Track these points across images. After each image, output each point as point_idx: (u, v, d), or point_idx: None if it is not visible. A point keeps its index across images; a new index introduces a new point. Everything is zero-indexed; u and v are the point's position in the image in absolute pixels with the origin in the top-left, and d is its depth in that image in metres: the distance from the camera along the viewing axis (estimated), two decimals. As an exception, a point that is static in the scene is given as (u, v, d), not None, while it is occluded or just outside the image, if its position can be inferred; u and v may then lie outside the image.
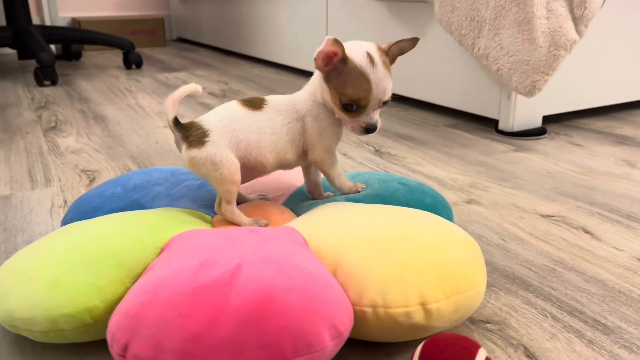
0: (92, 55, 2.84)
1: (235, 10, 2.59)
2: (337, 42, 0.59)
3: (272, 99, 0.65)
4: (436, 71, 1.41)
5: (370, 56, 0.61)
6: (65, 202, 0.90)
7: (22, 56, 2.59)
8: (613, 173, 1.00)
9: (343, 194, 0.68)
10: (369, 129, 0.63)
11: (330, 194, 0.72)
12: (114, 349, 0.43)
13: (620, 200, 0.88)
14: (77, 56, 2.63)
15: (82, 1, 3.20)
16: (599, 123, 1.35)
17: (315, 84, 0.65)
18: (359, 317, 0.48)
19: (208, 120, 0.63)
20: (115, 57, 2.77)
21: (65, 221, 0.67)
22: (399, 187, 0.68)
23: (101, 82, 2.04)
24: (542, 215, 0.83)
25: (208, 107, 1.60)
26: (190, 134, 0.62)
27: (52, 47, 2.70)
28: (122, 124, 1.41)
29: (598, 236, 0.76)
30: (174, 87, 1.94)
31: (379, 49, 0.63)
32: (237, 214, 0.62)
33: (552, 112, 1.31)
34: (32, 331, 0.49)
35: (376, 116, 0.63)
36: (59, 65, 2.42)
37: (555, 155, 1.11)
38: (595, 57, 1.29)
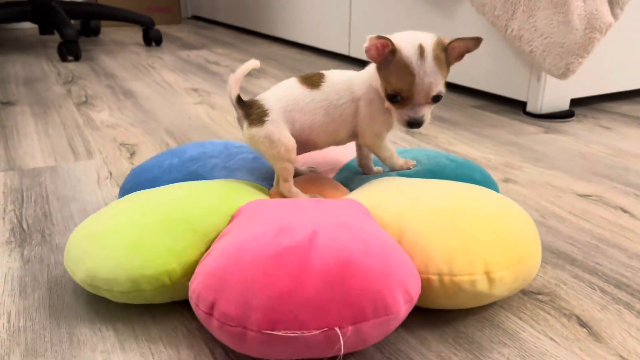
0: (109, 32, 2.84)
1: (254, -12, 2.58)
2: (380, 37, 0.59)
3: (331, 76, 0.66)
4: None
5: (422, 49, 0.59)
6: (111, 173, 0.92)
7: (43, 31, 2.59)
8: (644, 155, 1.02)
9: (395, 171, 0.70)
10: (412, 123, 0.62)
11: (380, 168, 0.73)
12: (200, 307, 0.45)
13: (654, 182, 0.90)
14: (96, 32, 2.63)
15: (99, -23, 3.19)
16: (625, 107, 1.36)
17: (372, 69, 0.66)
18: (424, 285, 0.50)
19: (268, 99, 0.65)
20: (133, 33, 2.77)
21: (125, 190, 0.69)
22: (448, 162, 0.70)
23: (123, 58, 2.05)
24: (579, 195, 0.85)
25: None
26: (251, 112, 0.64)
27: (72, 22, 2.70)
28: (152, 99, 1.43)
29: (636, 215, 0.78)
30: (196, 65, 1.97)
31: (438, 43, 0.61)
32: (295, 191, 0.65)
33: (580, 96, 1.32)
34: (113, 291, 0.51)
35: (422, 111, 0.62)
36: (79, 40, 2.43)
37: (585, 137, 1.13)
38: (622, 41, 1.30)
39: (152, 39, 2.34)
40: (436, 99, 0.62)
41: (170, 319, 0.54)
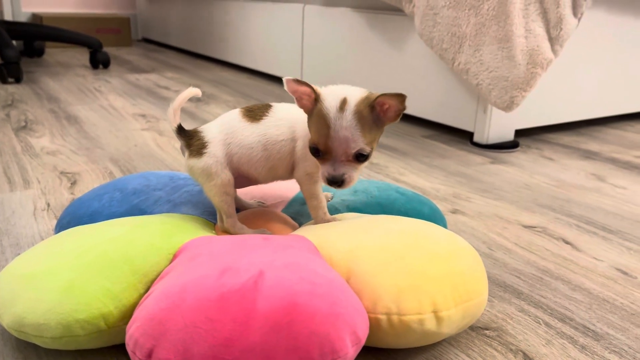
0: (54, 53, 2.76)
1: (205, 13, 2.57)
2: (299, 82, 0.56)
3: (275, 110, 0.64)
4: (413, 83, 1.45)
5: (344, 102, 0.56)
6: (49, 205, 0.87)
7: (-19, 51, 2.48)
8: (585, 186, 1.06)
9: (315, 223, 0.65)
10: (330, 181, 0.57)
11: (329, 194, 0.72)
12: (137, 355, 0.43)
13: (594, 213, 0.93)
14: (40, 53, 2.55)
15: (45, -4, 3.11)
16: (566, 138, 1.42)
17: None
18: (373, 325, 0.49)
19: (209, 130, 0.63)
20: (79, 55, 2.70)
21: (62, 225, 0.66)
22: (398, 196, 0.70)
23: (68, 81, 1.99)
24: (525, 226, 0.87)
25: (184, 111, 1.58)
26: (192, 143, 0.63)
27: (14, 42, 2.61)
28: (98, 125, 1.38)
29: (578, 247, 0.80)
30: (146, 89, 1.93)
31: (365, 98, 0.57)
32: (240, 226, 0.63)
33: (524, 127, 1.37)
34: (43, 337, 0.48)
35: (343, 169, 0.57)
36: (21, 62, 2.34)
37: (529, 168, 1.16)
38: (563, 75, 1.36)
39: (99, 62, 2.29)
40: (359, 157, 0.57)
41: (106, 366, 0.51)
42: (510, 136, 1.33)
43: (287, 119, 0.64)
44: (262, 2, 2.12)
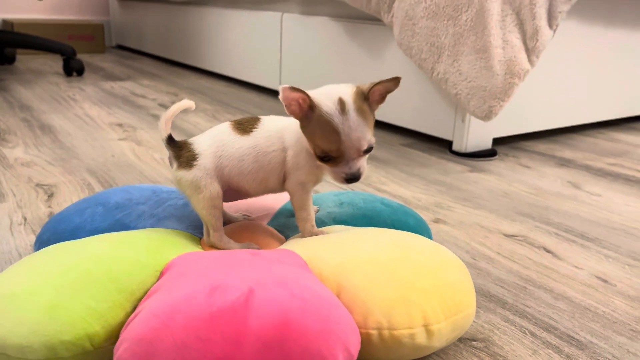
0: (26, 60, 2.70)
1: (181, 20, 2.55)
2: (294, 89, 0.55)
3: (265, 122, 0.65)
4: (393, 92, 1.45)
5: (342, 103, 0.56)
6: (25, 219, 0.85)
7: (-51, 58, 2.42)
8: (562, 194, 1.08)
9: (303, 236, 0.65)
10: (350, 179, 0.58)
11: (315, 207, 0.72)
12: (126, 377, 0.42)
13: (572, 220, 0.95)
14: (11, 60, 2.49)
15: (16, 1, 3.05)
16: (541, 146, 1.44)
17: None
18: (364, 339, 0.49)
19: (200, 143, 0.63)
20: (52, 62, 2.65)
21: (42, 241, 0.64)
22: (383, 207, 0.70)
23: (41, 89, 1.95)
24: (506, 235, 0.88)
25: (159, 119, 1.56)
26: (181, 154, 0.62)
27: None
28: (73, 135, 1.36)
29: (558, 255, 0.82)
30: (121, 98, 1.90)
31: (358, 92, 0.58)
32: (226, 240, 0.62)
33: (502, 135, 1.39)
34: (26, 359, 0.46)
35: (358, 164, 0.58)
36: (-9, 68, 2.29)
37: (508, 176, 1.18)
38: (537, 84, 1.38)
39: (73, 69, 2.25)
40: (368, 150, 0.59)
41: (92, 387, 0.50)
42: (488, 144, 1.35)
43: (277, 130, 0.64)
44: (239, 10, 2.11)
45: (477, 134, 1.31)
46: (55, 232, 0.64)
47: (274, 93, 1.97)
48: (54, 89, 1.97)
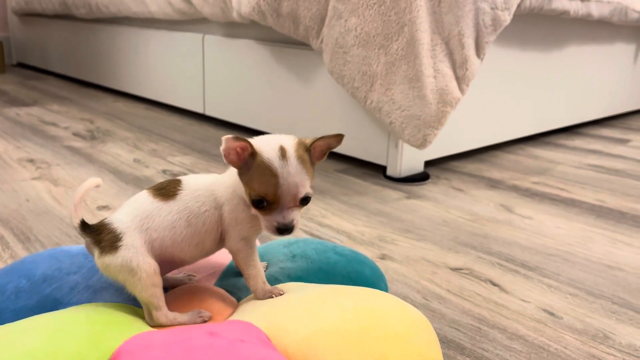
0: None
1: (92, 38, 2.41)
2: (237, 138, 0.55)
3: (188, 182, 0.60)
4: (324, 117, 1.44)
5: (283, 150, 0.56)
6: None
7: None
8: (497, 219, 1.10)
9: (257, 298, 0.61)
10: (281, 230, 0.57)
11: (264, 263, 0.68)
12: None
13: (511, 248, 0.97)
14: None
15: None
16: (469, 165, 1.48)
17: (234, 174, 0.60)
18: (338, 419, 0.46)
19: (119, 220, 0.57)
20: (-56, 85, 2.41)
21: (-45, 327, 0.55)
22: (337, 258, 0.68)
23: None
24: (452, 269, 0.88)
25: (76, 151, 1.46)
26: (101, 238, 0.56)
27: None
28: (-22, 175, 1.23)
29: (505, 288, 0.83)
30: (29, 127, 1.75)
31: (300, 143, 0.58)
32: (172, 317, 0.57)
33: (432, 157, 1.41)
34: None
35: (292, 215, 0.57)
36: None
37: (443, 202, 1.19)
38: (463, 105, 1.42)
39: (-30, 94, 2.05)
40: (304, 200, 0.58)
41: None
42: (420, 167, 1.36)
43: (204, 189, 0.60)
44: (157, 30, 2.02)
45: (410, 159, 1.32)
46: (-28, 315, 0.56)
47: (197, 116, 1.89)
48: (-51, 118, 1.79)
